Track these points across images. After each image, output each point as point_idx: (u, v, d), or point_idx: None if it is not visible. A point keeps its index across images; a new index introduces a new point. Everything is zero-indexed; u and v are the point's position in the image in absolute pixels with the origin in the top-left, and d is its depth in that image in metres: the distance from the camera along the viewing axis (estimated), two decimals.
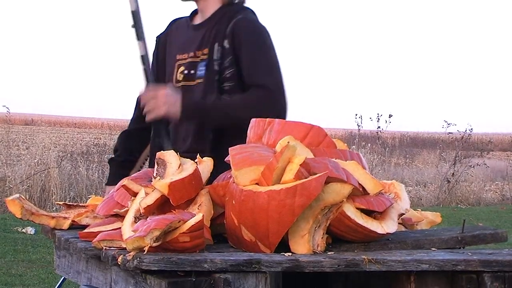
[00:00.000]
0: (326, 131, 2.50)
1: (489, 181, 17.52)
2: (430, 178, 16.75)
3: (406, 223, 2.63)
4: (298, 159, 2.19)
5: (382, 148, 17.81)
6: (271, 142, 2.43)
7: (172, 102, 3.00)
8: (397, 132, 32.65)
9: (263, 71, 3.09)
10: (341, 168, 2.27)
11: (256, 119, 2.57)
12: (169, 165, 2.37)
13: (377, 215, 2.29)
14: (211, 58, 3.14)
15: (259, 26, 3.21)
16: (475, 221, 10.72)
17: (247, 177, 2.20)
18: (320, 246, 2.20)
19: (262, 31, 3.19)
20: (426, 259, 2.16)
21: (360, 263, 2.12)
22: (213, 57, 3.13)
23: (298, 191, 2.11)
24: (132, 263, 1.99)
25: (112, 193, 2.57)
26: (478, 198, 14.93)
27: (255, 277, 2.05)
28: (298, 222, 2.16)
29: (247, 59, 3.11)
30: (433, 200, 14.44)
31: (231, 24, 3.16)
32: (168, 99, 3.00)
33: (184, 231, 2.05)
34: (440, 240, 2.45)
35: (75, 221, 2.55)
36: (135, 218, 2.28)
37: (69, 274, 2.54)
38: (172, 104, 2.99)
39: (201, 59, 3.16)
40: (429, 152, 22.83)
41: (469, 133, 15.87)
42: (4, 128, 13.80)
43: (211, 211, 2.33)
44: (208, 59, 3.14)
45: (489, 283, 2.17)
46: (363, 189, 2.32)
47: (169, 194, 2.25)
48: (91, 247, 2.25)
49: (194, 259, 2.00)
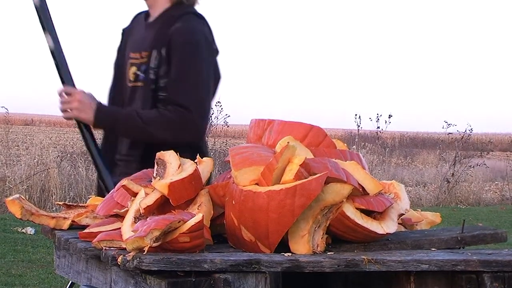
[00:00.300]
0: (325, 131, 2.50)
1: (489, 181, 17.52)
2: (430, 178, 16.75)
3: (406, 223, 2.63)
4: (298, 159, 2.19)
5: (382, 148, 17.81)
6: (271, 143, 2.43)
7: (86, 108, 3.01)
8: (397, 132, 32.66)
9: (187, 89, 3.02)
10: (341, 168, 2.27)
11: (256, 119, 2.57)
12: (169, 165, 2.37)
13: (377, 215, 2.29)
14: (148, 64, 3.09)
15: (195, 36, 3.09)
16: (475, 221, 10.72)
17: (246, 177, 2.20)
18: (320, 246, 2.20)
19: (198, 43, 3.08)
20: (426, 259, 2.16)
21: (360, 263, 2.12)
22: (150, 64, 3.08)
23: (298, 191, 2.11)
24: (132, 263, 1.99)
25: (112, 194, 2.57)
26: (477, 198, 14.93)
27: (255, 277, 2.05)
28: (298, 222, 2.16)
29: (175, 72, 3.04)
30: (433, 200, 14.44)
31: (170, 31, 3.08)
32: (81, 105, 3.00)
33: (184, 231, 2.05)
34: (439, 240, 2.45)
35: (75, 221, 2.55)
36: (135, 218, 2.28)
37: (69, 274, 2.54)
38: (85, 110, 3.00)
39: (143, 62, 3.12)
40: (428, 152, 22.83)
41: (469, 133, 15.87)
42: (3, 129, 13.78)
43: (211, 211, 2.33)
44: (146, 64, 3.10)
45: (489, 283, 2.17)
46: (363, 189, 2.32)
47: (169, 194, 2.25)
48: (91, 247, 2.24)
49: (194, 259, 2.00)
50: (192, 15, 3.15)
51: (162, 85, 3.06)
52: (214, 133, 14.31)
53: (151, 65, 3.08)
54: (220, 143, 14.58)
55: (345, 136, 24.67)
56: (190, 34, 3.09)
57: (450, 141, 16.81)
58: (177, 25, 3.09)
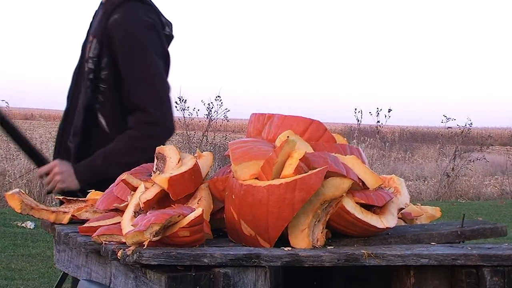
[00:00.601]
0: (325, 125, 2.50)
1: (489, 175, 17.53)
2: (430, 172, 16.76)
3: (406, 218, 2.63)
4: (297, 153, 2.19)
5: (381, 142, 17.83)
6: (271, 137, 2.43)
7: (67, 176, 2.98)
8: (397, 127, 32.65)
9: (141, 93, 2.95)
10: (340, 162, 2.27)
11: (255, 114, 2.56)
12: (168, 160, 2.37)
13: (376, 209, 2.29)
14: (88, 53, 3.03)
15: (136, 30, 3.00)
16: (475, 215, 10.74)
17: (246, 172, 2.20)
18: (319, 241, 2.20)
19: (139, 36, 2.99)
20: (426, 253, 2.16)
21: (359, 258, 2.12)
22: (89, 53, 3.02)
23: (297, 186, 2.10)
24: (132, 258, 1.99)
25: (112, 188, 2.57)
26: (477, 192, 14.95)
27: (254, 271, 2.05)
28: (297, 217, 2.16)
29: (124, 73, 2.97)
30: (433, 195, 14.45)
31: (109, 22, 3.00)
32: (63, 176, 2.97)
33: (184, 226, 2.05)
34: (439, 234, 2.44)
35: (74, 215, 2.55)
36: (134, 212, 2.27)
37: (68, 268, 2.54)
38: (68, 179, 2.98)
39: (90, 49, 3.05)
40: (428, 146, 22.84)
41: (469, 127, 15.88)
42: None
43: (210, 206, 2.33)
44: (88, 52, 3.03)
45: (489, 277, 2.17)
46: (362, 184, 2.32)
47: (169, 188, 2.25)
48: (91, 242, 2.24)
49: (194, 253, 2.00)
50: (134, 2, 3.04)
51: (103, 77, 2.99)
52: (214, 127, 14.32)
53: (90, 54, 3.02)
54: (219, 137, 14.59)
55: (345, 130, 24.69)
56: (129, 28, 2.99)
57: (450, 135, 16.82)
58: (116, 16, 3.00)
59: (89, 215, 2.51)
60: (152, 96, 2.97)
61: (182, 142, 14.09)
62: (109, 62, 2.99)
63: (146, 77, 2.98)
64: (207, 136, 13.99)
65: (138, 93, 2.97)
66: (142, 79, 2.97)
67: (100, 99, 3.02)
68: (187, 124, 14.03)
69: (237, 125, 28.98)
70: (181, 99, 13.91)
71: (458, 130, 15.99)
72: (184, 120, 14.00)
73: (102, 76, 3.00)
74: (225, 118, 14.30)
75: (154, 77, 3.00)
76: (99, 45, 3.01)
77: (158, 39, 3.06)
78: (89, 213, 2.52)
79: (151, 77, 2.99)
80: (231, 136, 15.82)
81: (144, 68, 2.98)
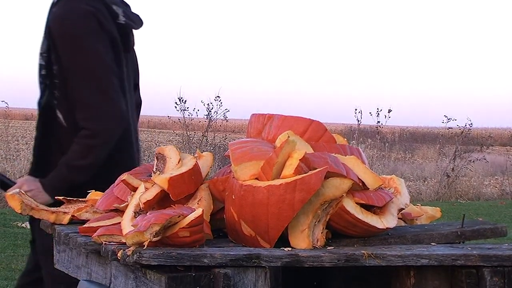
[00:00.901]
0: (325, 126, 2.50)
1: (489, 176, 17.52)
2: (430, 173, 16.75)
3: (406, 218, 2.63)
4: (297, 154, 2.19)
5: (381, 143, 17.81)
6: (271, 137, 2.43)
7: (37, 192, 2.90)
8: (397, 127, 32.64)
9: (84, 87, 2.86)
10: (340, 163, 2.27)
11: (255, 114, 2.56)
12: (168, 160, 2.37)
13: (376, 210, 2.29)
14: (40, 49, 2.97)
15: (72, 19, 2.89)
16: (475, 215, 10.73)
17: (246, 172, 2.20)
18: (319, 241, 2.20)
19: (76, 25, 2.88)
20: (426, 254, 2.16)
21: (359, 258, 2.12)
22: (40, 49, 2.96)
23: (297, 186, 2.10)
24: (132, 258, 1.99)
25: (112, 188, 2.57)
26: (477, 193, 14.93)
27: (254, 271, 2.05)
28: (297, 217, 2.16)
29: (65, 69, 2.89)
30: (433, 195, 14.45)
31: (50, 17, 2.94)
32: (32, 193, 2.88)
33: (184, 226, 2.05)
34: (439, 235, 2.45)
35: (75, 216, 2.55)
36: (134, 213, 2.27)
37: (68, 269, 2.54)
38: (38, 194, 2.89)
39: None
40: (428, 147, 22.83)
41: (469, 128, 15.86)
42: (3, 123, 13.79)
43: (210, 206, 2.33)
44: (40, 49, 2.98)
45: (489, 277, 2.17)
46: (362, 184, 2.32)
47: (169, 189, 2.25)
48: (91, 242, 2.24)
49: (194, 254, 2.00)
50: None
51: (55, 72, 2.93)
52: (213, 127, 14.31)
53: (40, 50, 2.97)
54: (219, 138, 14.58)
55: (345, 131, 24.67)
56: (65, 19, 2.91)
57: (450, 135, 16.81)
58: (54, 9, 2.95)
59: (89, 215, 2.51)
60: (95, 89, 2.87)
61: (182, 143, 14.08)
62: (56, 56, 2.92)
63: (86, 68, 2.87)
64: (207, 136, 13.98)
65: (80, 86, 2.87)
66: (82, 71, 2.87)
67: (57, 94, 2.94)
68: (187, 124, 14.03)
69: (237, 125, 28.98)
70: (181, 100, 13.90)
71: (458, 130, 15.97)
72: (184, 121, 14.00)
73: (54, 71, 2.93)
74: (224, 118, 14.29)
75: (95, 68, 2.88)
76: (46, 40, 2.95)
77: (99, 27, 2.92)
78: (89, 214, 2.52)
79: (92, 68, 2.88)
80: (231, 136, 15.81)
81: (84, 59, 2.88)
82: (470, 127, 15.90)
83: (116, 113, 2.90)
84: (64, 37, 2.89)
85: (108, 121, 2.89)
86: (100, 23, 2.93)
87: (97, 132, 2.88)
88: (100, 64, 2.90)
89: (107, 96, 2.89)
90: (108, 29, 2.96)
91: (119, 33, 3.04)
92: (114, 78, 2.94)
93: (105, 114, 2.89)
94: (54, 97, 2.97)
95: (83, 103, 2.89)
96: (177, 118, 14.23)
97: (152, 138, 24.74)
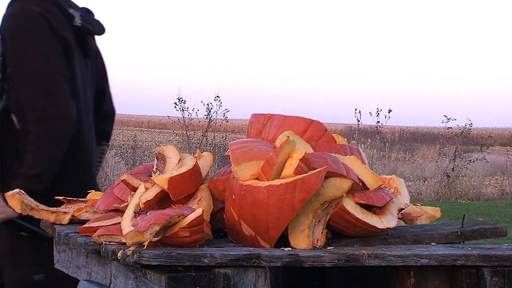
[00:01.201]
0: (325, 126, 2.50)
1: (489, 175, 17.53)
2: (430, 173, 16.76)
3: (406, 218, 2.63)
4: (297, 154, 2.19)
5: (381, 143, 17.82)
6: (271, 137, 2.43)
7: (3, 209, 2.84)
8: (397, 127, 32.67)
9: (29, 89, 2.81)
10: (340, 163, 2.27)
11: (255, 114, 2.56)
12: (168, 160, 2.37)
13: (376, 210, 2.29)
14: None
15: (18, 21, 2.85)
16: (475, 215, 10.73)
17: (246, 172, 2.20)
18: (320, 241, 2.20)
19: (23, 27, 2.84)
20: (426, 254, 2.16)
21: (360, 258, 2.12)
22: None
23: (297, 186, 2.10)
24: (132, 258, 1.99)
25: (112, 188, 2.57)
26: (477, 192, 14.94)
27: (254, 272, 2.05)
28: (298, 217, 2.16)
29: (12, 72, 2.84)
30: (433, 195, 14.45)
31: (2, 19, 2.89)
32: None
33: (184, 226, 2.05)
34: (439, 235, 2.45)
35: (75, 216, 2.55)
36: (134, 213, 2.28)
37: (68, 269, 2.54)
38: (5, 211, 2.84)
39: None
40: (429, 147, 22.85)
41: (469, 128, 15.88)
42: None
43: (211, 206, 2.33)
44: None
45: (489, 277, 2.17)
46: (362, 184, 2.32)
47: (169, 189, 2.25)
48: (91, 242, 2.25)
49: (194, 254, 2.00)
50: None
51: (9, 75, 2.87)
52: (213, 127, 14.32)
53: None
54: (219, 138, 14.58)
55: (345, 131, 24.68)
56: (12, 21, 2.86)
57: (450, 135, 16.82)
58: (5, 11, 2.90)
59: (89, 215, 2.51)
60: (40, 91, 2.81)
61: (182, 143, 14.09)
62: (9, 58, 2.87)
63: (32, 70, 2.82)
64: (207, 136, 13.99)
65: (26, 88, 2.82)
66: (28, 72, 2.82)
67: (13, 97, 2.89)
68: (186, 124, 14.04)
69: (237, 125, 28.97)
70: (180, 100, 13.91)
71: (458, 130, 15.98)
72: (184, 121, 14.01)
73: (8, 74, 2.88)
74: (224, 118, 14.29)
75: (42, 70, 2.82)
76: (1, 43, 2.89)
77: (49, 29, 2.87)
78: (89, 214, 2.52)
79: (38, 69, 2.82)
80: (231, 136, 15.82)
81: (30, 60, 2.82)
82: (470, 127, 15.92)
83: (61, 117, 2.84)
84: (12, 38, 2.85)
85: (51, 124, 2.82)
86: (51, 25, 2.88)
87: (40, 135, 2.82)
88: (47, 66, 2.84)
89: (53, 99, 2.83)
90: (60, 31, 2.91)
91: (76, 36, 3.00)
92: (63, 81, 2.87)
93: (49, 117, 2.82)
94: (11, 100, 2.91)
95: (28, 105, 2.83)
96: (177, 118, 14.24)
97: (152, 138, 24.77)
